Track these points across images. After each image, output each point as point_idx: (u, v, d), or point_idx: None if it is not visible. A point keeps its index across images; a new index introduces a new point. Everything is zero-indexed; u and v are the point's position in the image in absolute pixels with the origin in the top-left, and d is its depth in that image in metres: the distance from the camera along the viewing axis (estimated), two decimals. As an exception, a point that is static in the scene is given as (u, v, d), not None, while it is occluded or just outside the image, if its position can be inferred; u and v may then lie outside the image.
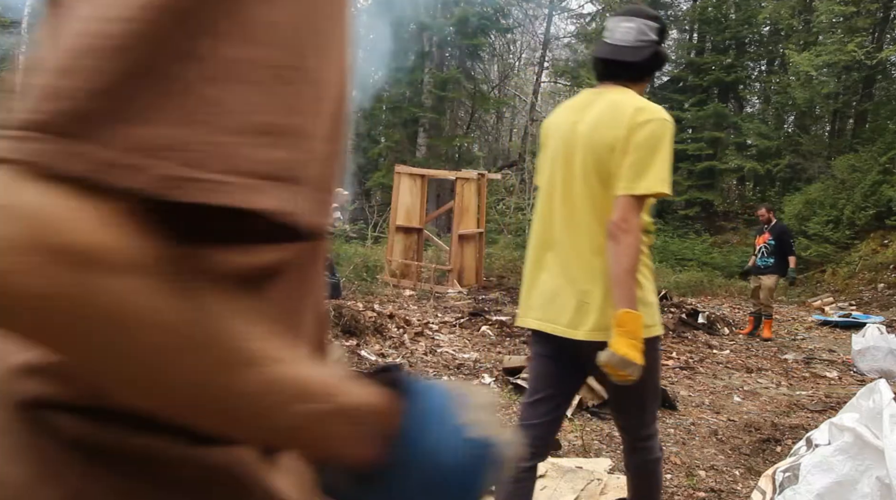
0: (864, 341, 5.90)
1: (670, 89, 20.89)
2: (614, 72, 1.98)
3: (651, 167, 1.79)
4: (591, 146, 1.87)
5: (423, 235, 11.21)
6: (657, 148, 1.81)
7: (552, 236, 2.00)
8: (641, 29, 1.95)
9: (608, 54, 1.97)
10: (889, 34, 16.53)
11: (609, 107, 1.89)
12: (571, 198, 1.93)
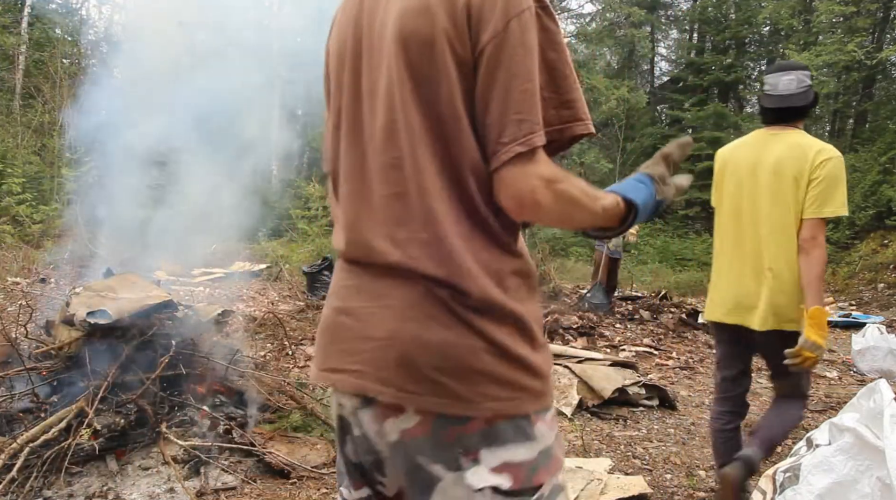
0: (864, 341, 5.90)
1: (670, 89, 20.91)
2: (785, 116, 2.55)
3: (834, 196, 2.38)
4: (778, 177, 2.45)
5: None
6: (837, 180, 2.39)
7: (737, 247, 2.59)
8: (800, 78, 2.51)
9: (782, 104, 2.53)
10: (889, 34, 16.52)
11: (792, 147, 2.47)
12: (756, 215, 2.52)
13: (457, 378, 1.01)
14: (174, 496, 2.75)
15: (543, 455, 1.06)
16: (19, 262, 8.21)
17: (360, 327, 1.08)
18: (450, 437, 1.03)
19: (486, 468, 1.02)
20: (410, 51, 1.02)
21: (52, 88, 12.93)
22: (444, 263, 1.01)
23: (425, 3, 1.01)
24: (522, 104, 0.98)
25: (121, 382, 3.12)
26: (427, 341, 1.01)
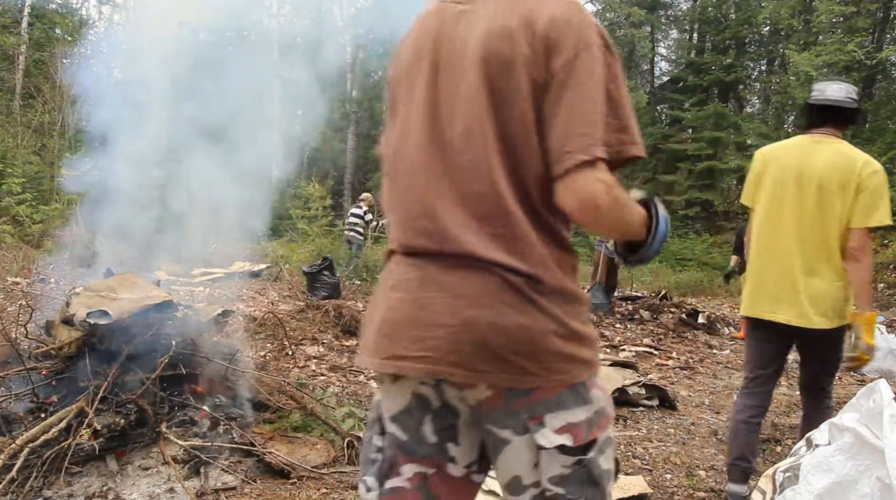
0: (864, 341, 5.90)
1: (670, 89, 20.90)
2: (830, 119, 2.67)
3: (879, 206, 2.56)
4: (824, 183, 2.57)
5: (423, 235, 11.18)
6: (882, 192, 2.56)
7: (778, 246, 2.69)
8: (848, 90, 2.68)
9: (831, 102, 2.66)
10: (889, 34, 16.53)
11: (839, 155, 2.60)
12: (801, 218, 2.62)
13: (528, 358, 1.16)
14: (174, 496, 2.75)
15: (597, 414, 1.24)
16: (19, 262, 8.21)
17: (427, 316, 1.19)
18: (518, 405, 1.19)
19: (551, 429, 1.20)
20: (491, 69, 1.19)
21: (52, 88, 12.92)
22: (525, 256, 1.18)
23: (508, 29, 1.19)
24: (586, 122, 1.15)
25: (121, 382, 3.12)
26: (503, 327, 1.16)
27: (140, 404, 3.05)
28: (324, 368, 5.07)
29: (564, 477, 1.22)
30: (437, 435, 1.28)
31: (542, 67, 1.17)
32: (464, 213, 1.20)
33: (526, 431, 1.20)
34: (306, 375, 4.77)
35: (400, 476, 1.30)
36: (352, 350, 5.64)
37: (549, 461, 1.21)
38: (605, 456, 1.26)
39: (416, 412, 1.28)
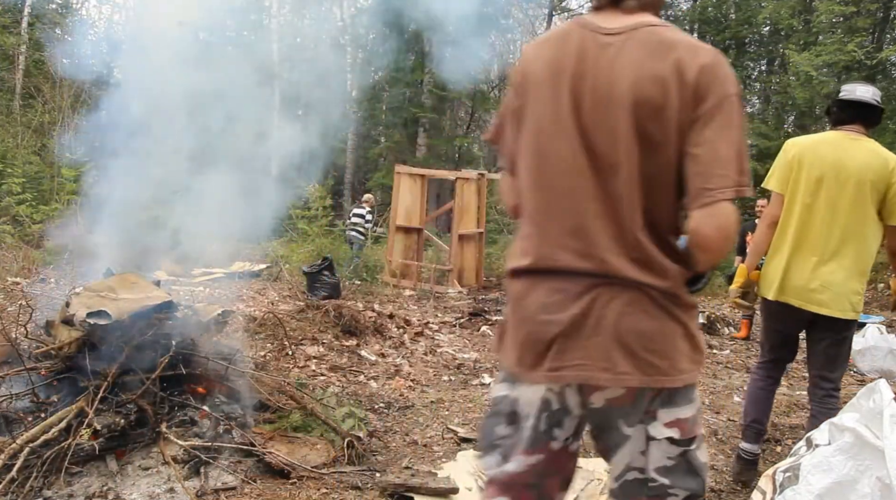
0: (864, 341, 5.90)
1: (670, 89, 20.88)
2: (858, 116, 2.85)
3: None
4: (860, 179, 2.74)
5: (423, 235, 11.21)
6: None
7: (811, 237, 2.83)
8: (874, 92, 2.89)
9: (862, 99, 2.84)
10: (889, 34, 16.52)
11: (874, 155, 2.78)
12: (835, 213, 2.78)
13: (661, 356, 1.36)
14: (174, 496, 2.75)
15: (699, 412, 1.47)
16: (19, 262, 8.21)
17: (577, 331, 1.38)
18: (646, 401, 1.40)
19: (661, 423, 1.41)
20: (641, 111, 1.34)
21: (52, 88, 12.91)
22: (661, 275, 1.37)
23: (660, 77, 1.34)
24: (726, 164, 1.33)
25: (121, 382, 3.12)
26: (642, 330, 1.36)
27: (140, 404, 3.04)
28: (324, 368, 5.06)
29: (669, 469, 1.43)
30: (546, 424, 1.49)
31: (690, 112, 1.34)
32: (609, 238, 1.38)
33: (641, 422, 1.41)
34: (306, 375, 4.77)
35: (517, 462, 1.52)
36: (351, 350, 5.64)
37: (656, 451, 1.42)
38: (703, 451, 1.48)
39: (538, 412, 1.48)
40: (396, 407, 4.31)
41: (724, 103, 1.34)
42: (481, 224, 11.24)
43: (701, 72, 1.33)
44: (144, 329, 3.21)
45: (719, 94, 1.34)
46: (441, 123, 19.79)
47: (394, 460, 3.40)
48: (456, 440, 3.75)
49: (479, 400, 4.61)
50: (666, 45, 1.36)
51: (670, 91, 1.33)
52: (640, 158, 1.36)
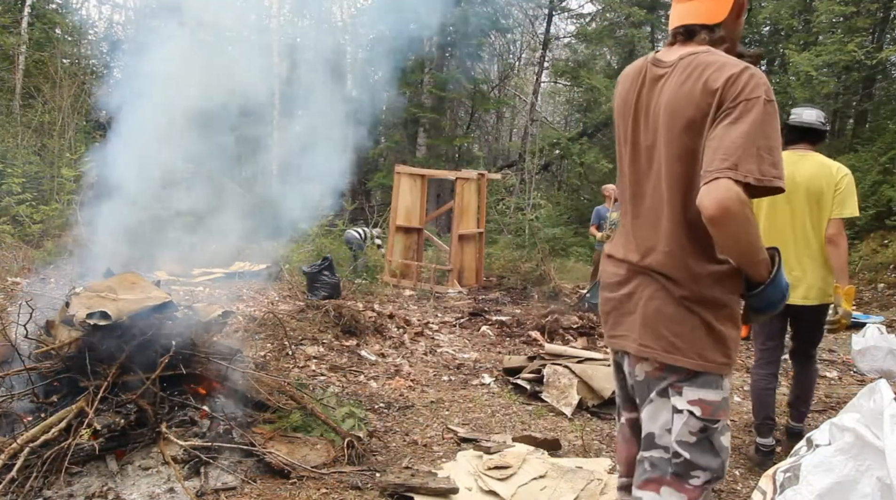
0: (864, 341, 5.89)
1: (670, 89, 20.88)
2: (804, 136, 3.49)
3: (850, 201, 3.32)
4: (809, 187, 3.35)
5: (423, 235, 11.20)
6: (851, 191, 3.35)
7: (776, 240, 3.33)
8: (819, 114, 3.49)
9: (807, 125, 3.48)
10: (889, 34, 16.51)
11: (820, 166, 3.39)
12: (792, 217, 3.40)
13: (681, 339, 1.62)
14: (174, 496, 2.75)
15: (724, 402, 1.66)
16: (19, 262, 8.20)
17: (623, 307, 1.74)
18: (670, 378, 1.66)
19: (685, 399, 1.64)
20: (676, 125, 1.60)
21: (52, 88, 12.91)
22: (683, 270, 1.63)
23: (692, 93, 1.58)
24: (730, 149, 1.48)
25: (121, 382, 3.12)
26: (664, 313, 1.64)
27: (140, 404, 3.04)
28: (324, 368, 5.06)
29: (691, 445, 1.64)
30: (630, 392, 1.85)
31: (714, 118, 1.54)
32: (648, 237, 1.69)
33: (667, 395, 1.66)
34: (306, 375, 4.77)
35: (622, 417, 1.97)
36: (351, 350, 5.64)
37: (680, 423, 1.64)
38: (726, 437, 1.67)
39: (617, 376, 1.91)
40: (396, 407, 4.31)
41: (740, 104, 1.51)
42: (481, 224, 11.23)
43: (725, 83, 1.53)
44: (144, 329, 3.21)
45: (738, 97, 1.51)
46: (441, 123, 19.78)
47: (394, 460, 3.40)
48: (456, 440, 3.75)
49: (479, 400, 4.61)
50: (700, 68, 1.59)
51: (700, 105, 1.56)
52: (677, 167, 1.60)
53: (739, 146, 1.48)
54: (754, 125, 1.49)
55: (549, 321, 6.77)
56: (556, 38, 22.74)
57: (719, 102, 1.53)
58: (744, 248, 1.54)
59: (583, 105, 21.72)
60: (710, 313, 1.62)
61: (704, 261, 1.61)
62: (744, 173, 1.47)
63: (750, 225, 1.50)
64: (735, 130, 1.49)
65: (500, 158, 25.78)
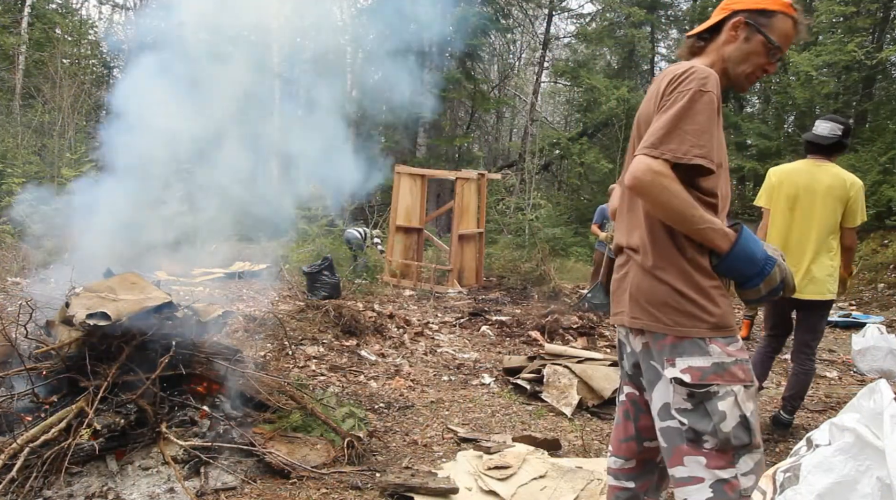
0: (864, 341, 5.89)
1: (670, 89, 20.85)
2: (819, 149, 3.85)
3: (861, 211, 3.77)
4: (825, 195, 3.76)
5: (423, 235, 11.20)
6: (862, 200, 3.78)
7: (792, 240, 3.84)
8: (833, 127, 3.79)
9: (820, 139, 3.83)
10: (889, 34, 16.50)
11: (835, 177, 3.77)
12: (809, 220, 3.80)
13: (657, 308, 1.78)
14: (174, 496, 2.75)
15: (716, 366, 1.73)
16: (19, 262, 8.20)
17: (621, 285, 1.91)
18: (659, 347, 1.79)
19: (678, 369, 1.74)
20: (641, 125, 1.86)
21: (52, 88, 12.91)
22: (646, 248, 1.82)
23: (649, 97, 1.85)
24: (651, 134, 1.70)
25: (121, 382, 3.12)
26: (642, 286, 1.82)
27: (140, 404, 3.04)
28: (324, 368, 5.06)
29: (687, 411, 1.74)
30: (631, 369, 1.97)
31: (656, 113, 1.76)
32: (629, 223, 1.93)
33: (664, 367, 1.77)
34: (306, 375, 4.77)
35: (623, 392, 2.06)
36: (351, 350, 5.64)
37: (674, 393, 1.75)
38: (726, 403, 1.71)
39: (621, 351, 2.03)
40: (396, 407, 4.31)
41: (672, 96, 1.71)
42: (481, 224, 11.23)
43: (669, 82, 1.73)
44: (144, 329, 3.21)
45: (672, 90, 1.71)
46: (441, 123, 19.77)
47: (394, 460, 3.40)
48: (456, 440, 3.75)
49: (479, 400, 4.61)
50: (662, 76, 1.80)
51: (651, 103, 1.80)
52: None
53: (661, 128, 1.68)
54: (681, 111, 1.67)
55: (549, 321, 6.77)
56: (556, 38, 22.75)
57: (661, 98, 1.74)
58: (672, 216, 1.70)
59: (583, 105, 21.71)
60: (680, 281, 1.75)
61: (667, 236, 1.77)
62: (661, 151, 1.66)
63: (670, 195, 1.66)
64: (664, 117, 1.69)
65: (500, 158, 25.78)
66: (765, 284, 1.77)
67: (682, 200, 1.67)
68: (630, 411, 2.02)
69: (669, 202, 1.68)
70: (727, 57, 1.90)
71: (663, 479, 2.08)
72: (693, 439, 1.73)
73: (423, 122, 18.63)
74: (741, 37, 1.89)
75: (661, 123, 1.68)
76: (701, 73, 1.71)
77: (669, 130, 1.66)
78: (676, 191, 1.67)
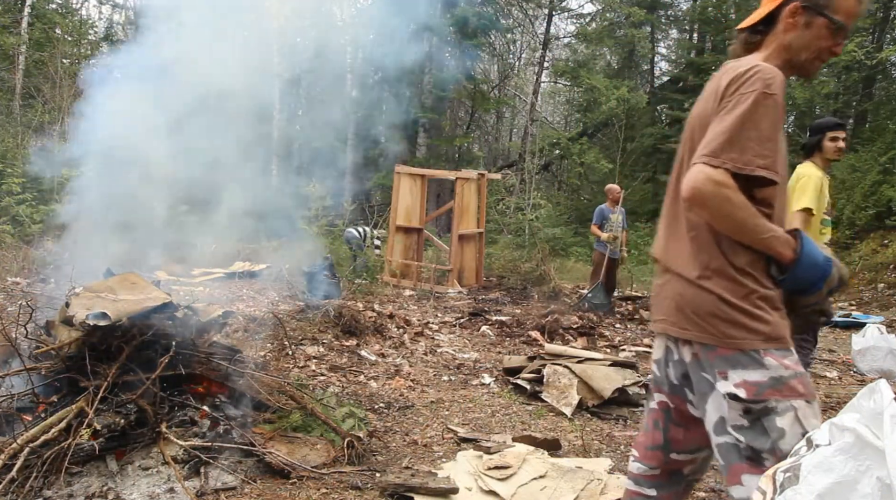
0: (864, 341, 5.89)
1: (670, 89, 20.88)
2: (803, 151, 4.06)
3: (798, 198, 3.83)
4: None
5: (423, 235, 11.20)
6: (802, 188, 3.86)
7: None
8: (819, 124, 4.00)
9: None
10: (889, 34, 16.51)
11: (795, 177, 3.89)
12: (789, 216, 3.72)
13: (704, 319, 1.68)
14: (174, 496, 2.75)
15: (774, 380, 1.62)
16: (19, 262, 8.20)
17: (662, 292, 1.83)
18: (710, 359, 1.68)
19: (731, 382, 1.63)
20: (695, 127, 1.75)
21: (52, 88, 12.91)
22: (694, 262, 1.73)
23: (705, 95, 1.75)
24: (710, 140, 1.60)
25: (121, 382, 3.12)
26: (686, 296, 1.72)
27: (140, 404, 3.04)
28: (324, 368, 5.06)
29: (744, 427, 1.63)
30: (678, 379, 1.83)
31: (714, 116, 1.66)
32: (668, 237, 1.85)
33: (716, 380, 1.66)
34: (306, 375, 4.77)
35: (653, 399, 1.95)
36: (351, 350, 5.64)
37: (730, 409, 1.64)
38: (785, 419, 1.60)
39: (665, 359, 1.87)
40: (396, 407, 4.31)
41: (733, 97, 1.60)
42: (481, 224, 11.23)
43: (731, 81, 1.63)
44: (144, 330, 3.21)
45: (734, 91, 1.61)
46: (441, 123, 19.78)
47: (394, 460, 3.40)
48: (456, 440, 3.75)
49: (479, 400, 4.61)
50: (721, 73, 1.70)
51: (708, 103, 1.69)
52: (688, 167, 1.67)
53: (722, 134, 1.58)
54: (743, 115, 1.57)
55: (549, 321, 6.77)
56: (556, 38, 22.74)
57: (719, 100, 1.63)
58: (734, 227, 1.62)
59: (583, 105, 21.71)
60: (728, 290, 1.65)
61: (713, 244, 1.68)
62: (722, 160, 1.56)
63: (732, 206, 1.57)
64: (724, 121, 1.59)
65: (500, 158, 25.78)
66: (826, 285, 1.70)
67: (746, 210, 1.58)
68: (660, 420, 1.92)
69: (733, 214, 1.59)
70: (788, 46, 1.77)
71: (688, 491, 2.01)
72: (752, 457, 1.62)
73: (422, 122, 18.63)
74: (801, 23, 1.74)
75: (722, 128, 1.58)
76: (766, 73, 1.60)
77: (731, 136, 1.56)
78: (740, 202, 1.57)
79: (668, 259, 1.82)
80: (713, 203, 1.58)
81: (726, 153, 1.56)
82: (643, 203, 18.22)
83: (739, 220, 1.60)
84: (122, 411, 3.03)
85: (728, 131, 1.57)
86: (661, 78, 23.57)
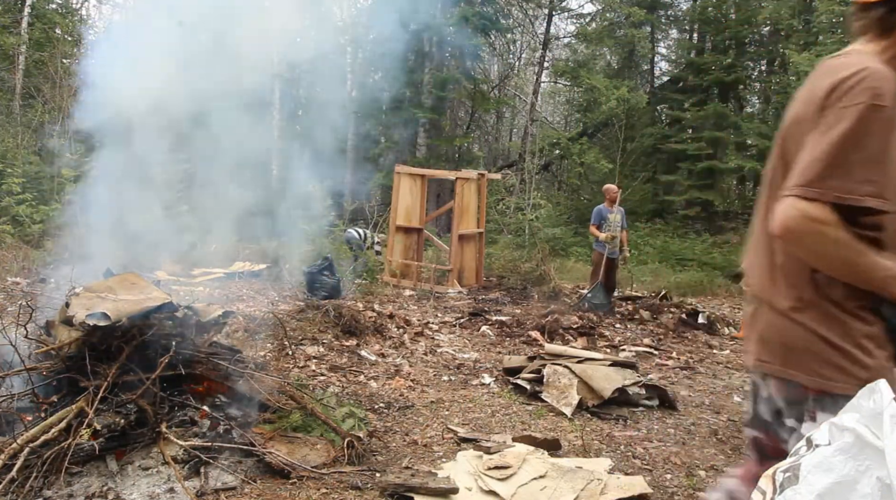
0: None
1: (670, 89, 20.88)
2: None
3: None
4: None
5: (423, 235, 11.20)
6: None
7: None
8: None
9: None
10: (889, 34, 16.50)
11: None
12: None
13: (795, 355, 1.51)
14: (174, 496, 2.75)
15: None
16: (19, 262, 8.20)
17: (752, 324, 1.67)
18: (799, 397, 1.52)
19: (819, 424, 1.45)
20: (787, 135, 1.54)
21: (52, 88, 12.91)
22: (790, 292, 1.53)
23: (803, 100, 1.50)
24: (808, 167, 1.38)
25: (121, 382, 3.12)
26: (775, 326, 1.56)
27: (140, 404, 3.04)
28: (324, 368, 5.06)
29: None
30: (770, 416, 1.65)
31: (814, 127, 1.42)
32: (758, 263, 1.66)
33: (802, 420, 1.52)
34: (306, 375, 4.77)
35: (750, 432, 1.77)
36: (351, 350, 5.64)
37: None
38: None
39: (754, 394, 1.72)
40: (396, 407, 4.31)
41: (832, 112, 1.37)
42: (481, 224, 11.23)
43: (832, 89, 1.39)
44: (144, 330, 3.21)
45: (832, 104, 1.38)
46: (441, 123, 19.77)
47: (394, 460, 3.40)
48: (456, 440, 3.75)
49: (479, 400, 4.61)
50: (820, 73, 1.48)
51: (808, 111, 1.45)
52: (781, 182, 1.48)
53: (820, 159, 1.35)
54: (846, 134, 1.33)
55: (549, 321, 6.77)
56: (556, 38, 22.73)
57: (820, 110, 1.40)
58: (836, 268, 1.42)
59: (583, 105, 21.70)
60: (824, 326, 1.46)
61: (806, 273, 1.48)
62: (821, 192, 1.34)
63: (834, 246, 1.37)
64: (816, 142, 1.37)
65: (500, 158, 25.78)
66: None
67: (850, 248, 1.37)
68: (758, 457, 1.78)
69: (834, 254, 1.39)
70: None
71: None
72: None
73: (422, 122, 18.64)
74: None
75: (820, 152, 1.35)
76: (873, 79, 1.35)
77: (830, 161, 1.33)
78: (842, 239, 1.36)
79: (757, 286, 1.64)
80: (809, 242, 1.39)
81: (825, 181, 1.34)
82: (643, 203, 18.21)
83: (843, 259, 1.40)
84: (122, 411, 3.03)
85: (826, 155, 1.34)
86: (661, 78, 23.55)
